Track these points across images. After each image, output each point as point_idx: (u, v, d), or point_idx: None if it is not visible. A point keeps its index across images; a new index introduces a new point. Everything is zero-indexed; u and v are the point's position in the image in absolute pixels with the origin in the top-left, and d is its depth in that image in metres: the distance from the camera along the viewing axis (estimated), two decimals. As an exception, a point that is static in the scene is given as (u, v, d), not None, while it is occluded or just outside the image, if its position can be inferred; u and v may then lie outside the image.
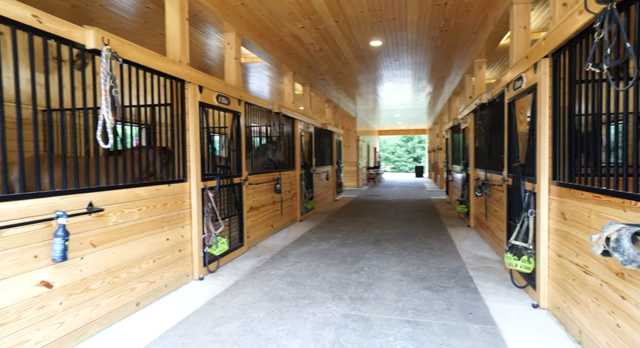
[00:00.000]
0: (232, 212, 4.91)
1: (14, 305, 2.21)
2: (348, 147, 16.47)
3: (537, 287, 3.29)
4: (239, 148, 5.08)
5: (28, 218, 2.27)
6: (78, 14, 5.17)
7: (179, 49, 3.88)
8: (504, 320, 3.04)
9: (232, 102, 4.81)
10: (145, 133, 5.18)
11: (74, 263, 2.59)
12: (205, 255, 4.13)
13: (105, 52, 2.72)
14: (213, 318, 3.09)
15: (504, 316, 3.11)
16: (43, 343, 2.37)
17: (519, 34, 4.30)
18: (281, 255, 5.07)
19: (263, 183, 5.95)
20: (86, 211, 2.67)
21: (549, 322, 2.98)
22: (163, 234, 3.54)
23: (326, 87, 10.62)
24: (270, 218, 6.29)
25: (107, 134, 2.73)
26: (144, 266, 3.28)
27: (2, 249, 2.14)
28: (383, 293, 3.65)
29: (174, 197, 3.71)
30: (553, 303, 3.11)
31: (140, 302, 3.23)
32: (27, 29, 2.31)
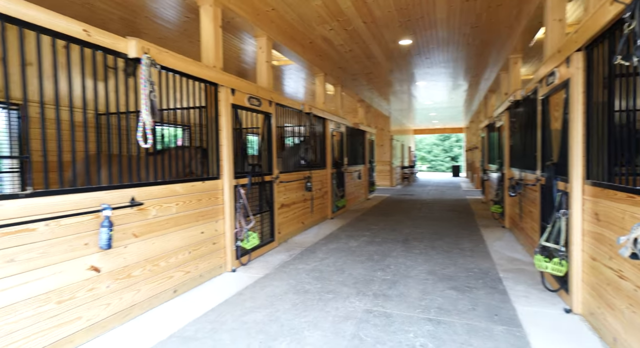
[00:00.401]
0: (263, 209, 5.12)
1: (70, 286, 2.51)
2: (381, 146, 16.35)
3: (570, 291, 3.17)
4: (270, 147, 5.29)
5: (80, 210, 2.57)
6: (127, 25, 5.63)
7: (213, 54, 4.13)
8: (532, 323, 2.95)
9: (263, 104, 5.02)
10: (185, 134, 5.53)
11: (118, 252, 2.87)
12: (237, 248, 4.36)
13: (145, 60, 2.99)
14: (242, 307, 3.28)
15: (533, 319, 3.02)
16: (93, 320, 2.67)
17: (553, 27, 4.13)
18: (310, 251, 5.21)
19: (294, 182, 6.13)
20: (129, 205, 2.95)
21: (582, 328, 2.87)
22: (198, 227, 3.80)
23: (358, 87, 10.66)
24: (300, 216, 6.46)
25: (147, 135, 3.00)
26: (180, 256, 3.54)
27: (60, 236, 2.44)
28: (407, 291, 3.67)
29: (208, 193, 3.96)
30: (587, 308, 2.99)
31: (177, 289, 3.50)
32: (78, 42, 2.61)
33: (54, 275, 2.41)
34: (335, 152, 8.48)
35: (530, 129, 4.86)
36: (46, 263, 2.36)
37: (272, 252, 5.19)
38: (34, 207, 2.30)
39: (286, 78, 9.62)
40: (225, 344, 2.64)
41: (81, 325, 2.58)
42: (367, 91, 11.45)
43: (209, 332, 2.82)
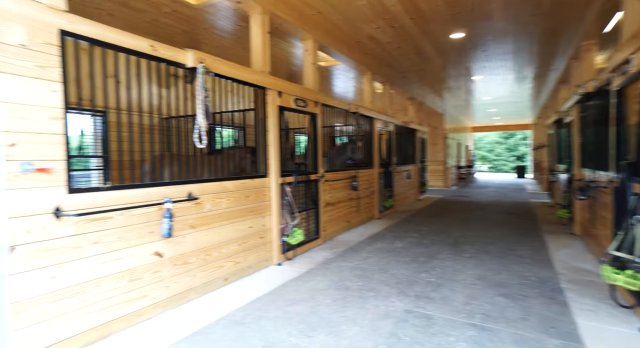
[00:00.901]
0: (308, 206, 5.32)
1: (139, 267, 2.89)
2: (434, 145, 15.83)
3: (646, 307, 2.87)
4: (315, 147, 5.46)
5: (147, 202, 2.93)
6: (189, 37, 6.16)
7: (261, 59, 4.39)
8: (596, 340, 2.71)
9: (308, 104, 5.21)
10: (239, 135, 5.92)
11: (177, 240, 3.22)
12: (283, 243, 4.59)
13: (200, 69, 3.31)
14: (285, 298, 3.48)
15: (598, 336, 2.78)
16: (157, 299, 3.03)
17: (633, 7, 3.73)
18: (354, 250, 5.30)
19: (340, 181, 6.25)
20: (186, 199, 3.29)
21: (657, 349, 2.61)
22: (247, 222, 4.08)
23: (408, 84, 10.47)
24: (346, 214, 6.57)
25: (202, 136, 3.32)
26: (231, 248, 3.84)
27: (132, 224, 2.82)
28: (452, 294, 3.61)
29: (256, 190, 4.23)
30: (661, 325, 2.71)
31: (228, 278, 3.80)
32: (146, 57, 2.98)
33: (128, 257, 2.79)
34: (383, 151, 8.45)
35: (603, 125, 4.45)
36: (121, 246, 2.75)
37: (316, 248, 5.36)
38: (113, 198, 2.69)
39: (334, 78, 9.76)
40: (268, 331, 2.84)
41: (147, 302, 2.95)
42: (418, 88, 11.18)
43: (254, 318, 3.05)
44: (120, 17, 5.14)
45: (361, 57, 7.29)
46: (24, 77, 2.21)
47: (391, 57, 7.83)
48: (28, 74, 2.23)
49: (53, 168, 2.33)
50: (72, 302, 2.45)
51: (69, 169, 2.43)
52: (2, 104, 2.11)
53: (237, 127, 6.84)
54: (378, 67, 8.22)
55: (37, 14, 2.27)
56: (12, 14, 2.16)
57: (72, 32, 2.46)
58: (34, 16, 2.26)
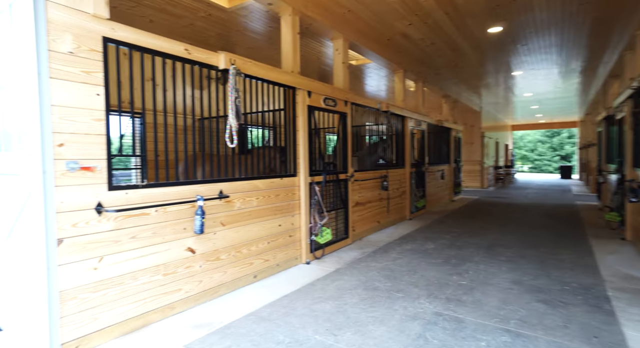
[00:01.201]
0: (337, 206, 5.32)
1: (173, 262, 3.02)
2: (470, 145, 15.28)
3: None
4: (345, 146, 5.45)
5: (180, 200, 3.07)
6: (223, 40, 6.35)
7: (291, 60, 4.45)
8: None
9: (338, 104, 5.20)
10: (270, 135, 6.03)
11: (209, 237, 3.34)
12: (311, 242, 4.62)
13: (232, 70, 3.40)
14: (312, 297, 3.50)
15: None
16: (190, 293, 3.16)
17: None
18: (383, 250, 5.23)
19: (369, 180, 6.20)
20: (217, 197, 3.40)
21: None
22: (276, 220, 4.15)
23: (442, 82, 10.17)
24: (376, 215, 6.50)
25: (233, 136, 3.42)
26: (260, 246, 3.93)
27: (166, 220, 2.96)
28: (485, 298, 3.48)
29: (285, 189, 4.29)
30: None
31: (257, 275, 3.89)
32: (181, 60, 3.12)
33: (162, 252, 2.93)
34: (415, 150, 8.27)
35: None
36: (156, 241, 2.89)
37: (345, 248, 5.35)
38: (149, 195, 2.84)
39: (366, 77, 9.68)
40: (295, 327, 2.88)
41: (181, 296, 3.08)
42: (454, 85, 10.84)
43: (282, 315, 3.10)
44: (160, 23, 5.40)
45: (393, 55, 7.18)
46: (71, 82, 2.38)
47: (424, 54, 7.65)
48: (75, 79, 2.40)
49: (96, 166, 2.50)
50: (113, 292, 2.61)
51: (110, 168, 2.59)
52: (53, 107, 2.29)
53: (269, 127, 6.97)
54: (410, 65, 8.06)
55: (84, 23, 2.44)
56: (63, 24, 2.34)
57: (113, 39, 2.61)
58: (82, 25, 2.43)
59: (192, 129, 5.16)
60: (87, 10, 2.46)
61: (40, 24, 2.23)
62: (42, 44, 2.24)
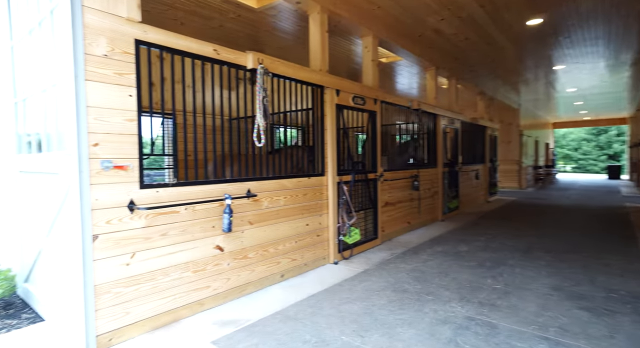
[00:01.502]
0: (366, 206, 5.22)
1: (202, 259, 3.08)
2: (508, 143, 14.59)
3: None
4: (374, 145, 5.35)
5: (210, 198, 3.11)
6: (253, 40, 6.43)
7: (319, 58, 4.41)
8: None
9: (367, 102, 5.11)
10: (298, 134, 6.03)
11: (237, 235, 3.37)
12: (339, 242, 4.57)
13: (259, 70, 3.42)
14: (339, 297, 3.45)
15: None
16: (218, 290, 3.20)
17: None
18: (413, 252, 5.08)
19: (399, 180, 6.05)
20: (245, 196, 3.43)
21: None
22: (303, 220, 4.13)
23: (477, 78, 9.77)
24: (406, 215, 6.33)
25: (261, 135, 3.43)
26: (287, 245, 3.92)
27: (195, 218, 3.02)
28: (521, 304, 3.29)
29: (312, 189, 4.26)
30: None
31: (284, 274, 3.89)
32: (210, 60, 3.16)
33: (192, 250, 2.99)
34: (447, 149, 8.00)
35: None
36: (186, 239, 2.95)
37: (374, 249, 5.25)
38: (179, 194, 2.90)
39: (397, 75, 9.48)
40: (321, 327, 2.84)
41: (209, 293, 3.13)
42: (490, 81, 10.38)
43: (308, 314, 3.07)
44: (191, 25, 5.54)
45: (424, 51, 6.98)
46: (105, 84, 2.47)
47: (457, 50, 7.36)
48: (109, 81, 2.49)
49: (128, 165, 2.58)
50: (144, 288, 2.69)
51: (141, 167, 2.67)
52: (88, 108, 2.39)
53: (298, 127, 6.98)
54: (443, 61, 7.79)
55: (117, 26, 2.53)
56: (98, 28, 2.43)
57: (145, 41, 2.69)
58: (115, 28, 2.51)
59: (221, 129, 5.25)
60: (121, 14, 2.54)
61: (78, 29, 2.33)
62: (79, 48, 2.34)
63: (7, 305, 3.32)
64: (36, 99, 3.04)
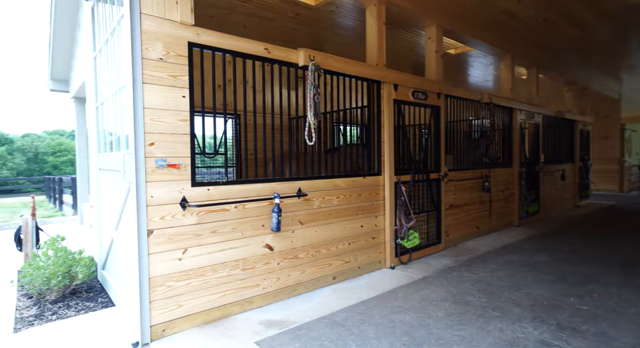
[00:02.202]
0: (428, 208, 4.87)
1: (251, 257, 3.10)
2: (605, 139, 12.67)
3: None
4: (437, 143, 4.96)
5: (259, 197, 3.13)
6: (313, 38, 6.42)
7: (376, 52, 4.20)
8: None
9: (429, 97, 4.75)
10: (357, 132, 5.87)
11: (287, 235, 3.34)
12: (397, 246, 4.31)
13: (310, 66, 3.34)
14: (392, 305, 3.23)
15: None
16: (267, 289, 3.21)
17: None
18: (480, 260, 4.60)
19: (467, 181, 5.54)
20: (296, 195, 3.38)
21: None
22: (357, 221, 3.97)
23: (564, 66, 8.59)
24: (475, 219, 5.79)
25: (312, 134, 3.36)
26: (340, 246, 3.80)
27: (245, 217, 3.05)
28: (614, 332, 2.74)
29: (368, 189, 4.08)
30: None
31: (337, 276, 3.77)
32: (261, 59, 3.17)
33: (241, 248, 3.03)
34: (526, 147, 7.15)
35: None
36: (236, 237, 3.00)
37: (436, 254, 4.87)
38: (229, 192, 2.95)
39: (469, 67, 8.75)
40: (369, 337, 2.67)
41: (259, 291, 3.15)
42: (580, 69, 9.06)
43: (356, 322, 2.92)
44: (253, 27, 5.70)
45: (496, 39, 6.30)
46: (160, 86, 2.59)
47: (535, 35, 6.52)
48: (164, 83, 2.61)
49: (181, 164, 2.68)
50: (195, 283, 2.78)
51: (193, 165, 2.75)
52: (145, 109, 2.52)
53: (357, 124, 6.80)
54: (520, 48, 6.97)
55: (172, 30, 2.63)
56: (155, 33, 2.56)
57: (198, 43, 2.77)
58: (171, 33, 2.63)
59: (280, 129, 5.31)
60: (175, 18, 2.64)
61: (136, 35, 2.47)
62: (137, 53, 2.48)
63: (89, 289, 3.71)
64: (110, 103, 3.34)
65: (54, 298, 3.34)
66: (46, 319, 3.03)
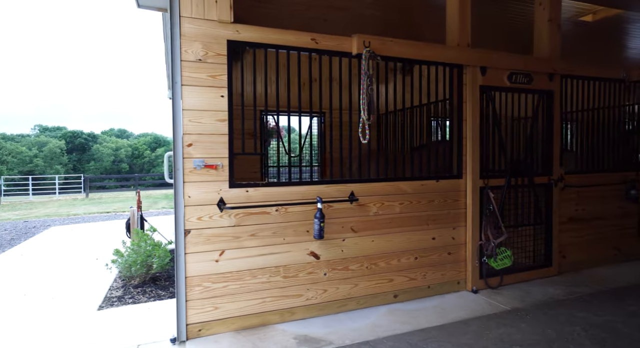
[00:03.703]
0: (532, 221, 3.86)
1: (293, 265, 2.91)
2: None
3: None
4: (549, 138, 3.89)
5: (303, 200, 2.90)
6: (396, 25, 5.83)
7: (457, 29, 3.48)
8: None
9: (536, 79, 3.75)
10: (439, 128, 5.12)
11: (336, 243, 3.03)
12: (482, 265, 3.53)
13: (365, 54, 2.93)
14: (456, 342, 2.60)
15: None
16: (312, 301, 2.96)
17: None
18: (612, 294, 3.42)
19: (597, 186, 4.23)
20: (346, 199, 3.03)
21: None
22: (427, 232, 3.38)
23: None
24: (612, 238, 4.39)
25: (366, 131, 2.96)
26: (403, 260, 3.29)
27: (287, 221, 2.87)
28: None
29: (443, 194, 3.43)
30: None
31: (399, 295, 3.27)
32: (308, 50, 2.92)
33: (283, 254, 2.86)
34: None
35: None
36: (276, 242, 2.84)
37: (542, 280, 3.82)
38: (270, 194, 2.81)
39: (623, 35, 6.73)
40: (413, 380, 2.17)
41: (301, 302, 2.93)
42: None
43: (405, 355, 2.43)
44: (334, 20, 5.44)
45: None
46: (199, 87, 2.59)
47: None
48: (202, 84, 2.60)
49: (219, 164, 2.64)
50: (233, 286, 2.71)
51: (231, 166, 2.69)
52: (184, 111, 2.56)
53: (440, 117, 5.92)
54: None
55: (210, 30, 2.61)
56: (194, 35, 2.57)
57: (238, 41, 2.69)
58: (209, 33, 2.60)
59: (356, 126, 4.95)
60: (213, 17, 2.61)
61: (176, 38, 2.52)
62: (176, 56, 2.52)
63: (167, 277, 4.09)
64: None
65: (137, 283, 3.77)
66: (124, 302, 3.42)
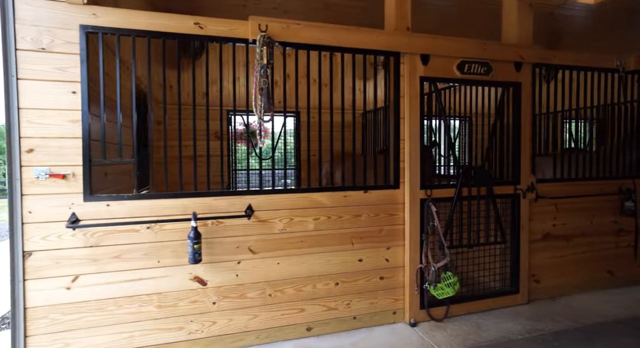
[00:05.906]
0: (490, 238, 3.21)
1: (171, 292, 2.44)
2: None
3: None
4: (516, 139, 3.24)
5: (181, 215, 2.42)
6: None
7: (394, 12, 2.90)
8: None
9: (497, 69, 3.10)
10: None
11: (229, 266, 2.54)
12: (423, 293, 2.94)
13: (259, 39, 2.42)
14: (355, 399, 2.05)
15: None
16: (196, 335, 2.48)
17: None
18: (582, 334, 2.73)
19: (580, 198, 3.51)
20: (242, 214, 2.53)
21: None
22: (352, 253, 2.82)
23: None
24: (604, 259, 3.65)
25: (262, 133, 2.45)
26: (320, 286, 2.75)
27: (162, 240, 2.40)
28: None
29: (373, 208, 2.86)
30: None
31: (313, 327, 2.73)
32: (190, 37, 2.45)
33: (158, 279, 2.40)
34: None
35: None
36: (149, 265, 2.38)
37: (504, 311, 3.16)
38: (139, 209, 2.36)
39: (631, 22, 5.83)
40: None
41: (183, 336, 2.46)
42: None
43: None
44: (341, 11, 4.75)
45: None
46: (43, 81, 2.17)
47: None
48: (47, 78, 2.18)
49: (68, 173, 2.21)
50: (90, 318, 2.28)
51: (89, 174, 2.25)
52: (21, 110, 2.15)
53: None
54: None
55: (56, 14, 2.19)
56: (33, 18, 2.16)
57: (95, 26, 2.25)
58: (55, 16, 2.19)
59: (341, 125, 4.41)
60: None
61: (9, 21, 2.11)
62: (10, 44, 2.11)
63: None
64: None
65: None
66: None
